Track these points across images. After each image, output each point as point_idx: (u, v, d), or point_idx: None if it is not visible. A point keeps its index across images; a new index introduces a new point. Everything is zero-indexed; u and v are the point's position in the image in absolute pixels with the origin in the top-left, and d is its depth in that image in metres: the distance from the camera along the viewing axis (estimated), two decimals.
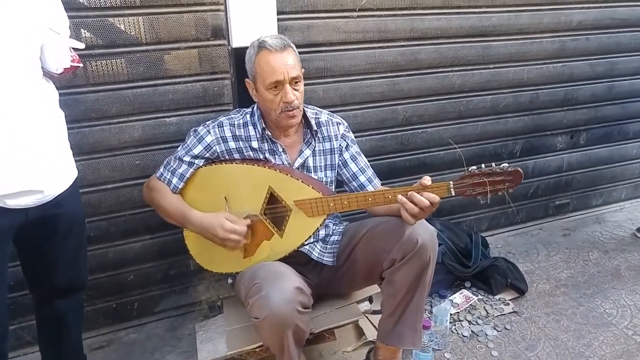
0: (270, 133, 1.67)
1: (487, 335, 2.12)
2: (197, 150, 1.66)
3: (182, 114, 2.01)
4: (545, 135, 2.90)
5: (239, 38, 1.93)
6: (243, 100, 1.93)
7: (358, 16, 2.17)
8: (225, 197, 1.67)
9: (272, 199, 1.65)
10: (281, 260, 1.68)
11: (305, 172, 1.72)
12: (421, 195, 1.45)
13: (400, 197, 1.47)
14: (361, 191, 1.76)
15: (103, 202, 2.01)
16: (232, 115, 1.72)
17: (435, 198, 1.45)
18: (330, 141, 1.76)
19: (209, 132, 1.67)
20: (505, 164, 1.45)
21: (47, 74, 1.42)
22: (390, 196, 1.52)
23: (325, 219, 1.66)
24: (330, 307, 1.84)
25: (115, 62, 1.87)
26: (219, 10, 1.94)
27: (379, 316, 1.76)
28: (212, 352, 1.72)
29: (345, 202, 1.59)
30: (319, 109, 1.81)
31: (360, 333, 1.94)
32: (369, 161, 1.84)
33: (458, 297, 2.34)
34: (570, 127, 2.95)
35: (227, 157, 1.69)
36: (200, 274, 2.27)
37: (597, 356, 2.00)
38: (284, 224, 1.66)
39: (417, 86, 2.43)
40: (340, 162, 1.79)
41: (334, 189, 1.79)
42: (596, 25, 2.73)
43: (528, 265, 2.67)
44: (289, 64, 1.56)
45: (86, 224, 1.91)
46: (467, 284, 2.45)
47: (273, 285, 1.44)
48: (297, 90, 1.60)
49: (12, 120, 1.25)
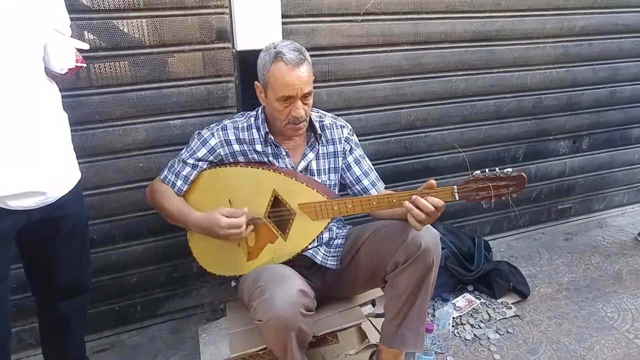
0: (273, 137, 1.68)
1: (489, 338, 2.12)
2: (201, 153, 1.66)
3: (186, 117, 2.02)
4: (548, 140, 2.90)
5: (243, 41, 1.94)
6: (247, 103, 1.94)
7: (362, 20, 2.17)
8: (229, 200, 1.67)
9: (276, 202, 1.65)
10: (285, 263, 1.68)
11: (308, 175, 1.72)
12: (425, 199, 1.45)
13: (407, 203, 1.48)
14: (365, 194, 1.77)
15: (106, 204, 2.01)
16: (236, 119, 1.72)
17: (439, 202, 1.46)
18: (334, 144, 1.76)
19: (213, 135, 1.67)
20: (509, 169, 1.45)
21: (50, 75, 1.40)
22: (394, 200, 1.53)
23: (329, 223, 1.66)
24: (333, 310, 1.84)
25: (120, 64, 1.87)
26: (223, 13, 1.94)
27: (382, 319, 1.77)
28: (215, 355, 1.72)
29: (350, 206, 1.59)
30: (323, 112, 1.81)
31: (363, 336, 1.94)
32: (372, 165, 1.84)
33: (461, 301, 2.34)
34: (573, 131, 2.95)
35: (231, 160, 1.69)
36: (203, 276, 2.27)
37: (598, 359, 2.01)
38: (288, 228, 1.66)
39: (421, 90, 2.43)
40: (344, 165, 1.79)
41: (337, 192, 1.79)
42: (599, 30, 2.74)
43: (530, 269, 2.67)
44: (303, 80, 1.54)
45: (89, 227, 1.92)
46: (470, 288, 2.45)
47: (276, 288, 1.44)
48: (306, 104, 1.60)
49: (15, 121, 1.24)
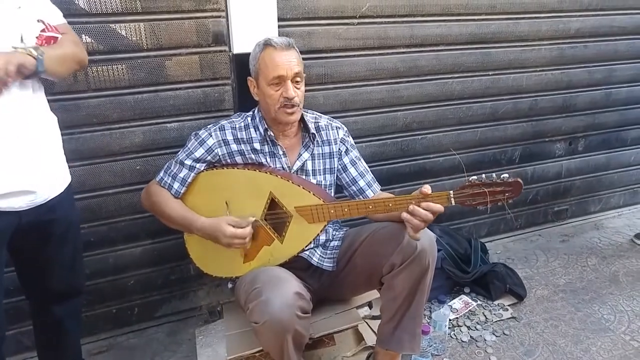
0: (272, 134, 1.68)
1: (485, 340, 2.12)
2: (199, 153, 1.66)
3: (183, 120, 2.02)
4: (544, 142, 2.91)
5: (240, 44, 1.95)
6: (244, 106, 1.94)
7: (358, 23, 2.19)
8: (226, 202, 1.67)
9: (272, 204, 1.65)
10: (281, 265, 1.68)
11: (304, 176, 1.73)
12: (423, 206, 1.45)
13: (405, 215, 1.47)
14: (360, 195, 1.78)
15: (104, 207, 2.02)
16: (233, 119, 1.73)
17: (439, 209, 1.45)
18: (330, 145, 1.77)
19: (211, 135, 1.67)
20: (506, 175, 1.44)
21: (45, 77, 1.36)
22: (391, 204, 1.53)
23: (325, 225, 1.67)
24: (330, 312, 1.85)
25: (117, 67, 1.88)
26: (220, 16, 1.95)
27: (379, 321, 1.77)
28: (212, 357, 1.72)
29: (346, 210, 1.60)
30: (319, 114, 1.82)
31: (359, 338, 1.94)
32: (369, 167, 1.84)
33: (457, 303, 2.35)
34: (568, 133, 2.96)
35: (228, 161, 1.69)
36: (200, 279, 2.27)
37: None
38: (285, 230, 1.66)
39: (417, 92, 2.44)
40: (339, 167, 1.79)
41: (333, 194, 1.80)
42: (594, 32, 2.75)
43: (527, 271, 2.67)
44: (292, 62, 1.59)
45: (84, 229, 1.92)
46: (466, 290, 2.45)
47: (273, 290, 1.44)
48: (298, 88, 1.62)
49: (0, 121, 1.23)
